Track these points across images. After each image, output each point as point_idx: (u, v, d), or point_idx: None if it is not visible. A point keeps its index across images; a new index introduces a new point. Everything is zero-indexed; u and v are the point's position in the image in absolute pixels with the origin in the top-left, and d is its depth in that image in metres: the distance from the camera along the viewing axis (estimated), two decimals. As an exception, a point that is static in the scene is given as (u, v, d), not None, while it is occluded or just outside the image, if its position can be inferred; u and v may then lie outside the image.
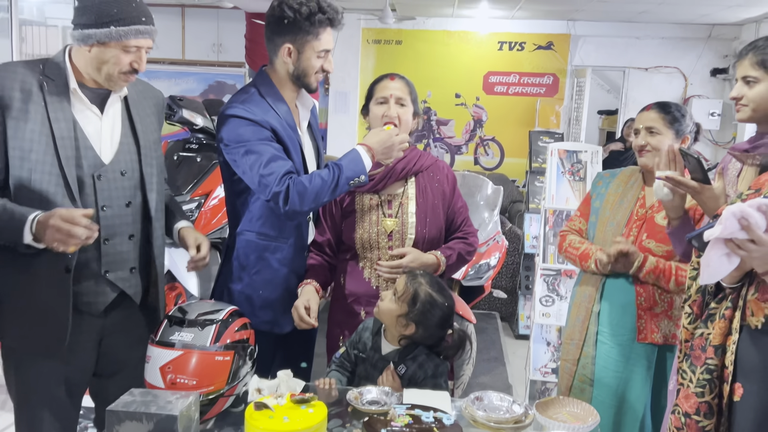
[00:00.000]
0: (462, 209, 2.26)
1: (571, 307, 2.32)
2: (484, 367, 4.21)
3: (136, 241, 1.87)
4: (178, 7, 7.35)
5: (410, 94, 2.15)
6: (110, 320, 1.88)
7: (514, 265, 4.98)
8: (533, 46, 7.41)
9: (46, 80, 1.74)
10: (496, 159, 7.67)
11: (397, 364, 1.86)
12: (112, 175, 1.81)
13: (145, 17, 1.77)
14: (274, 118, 2.03)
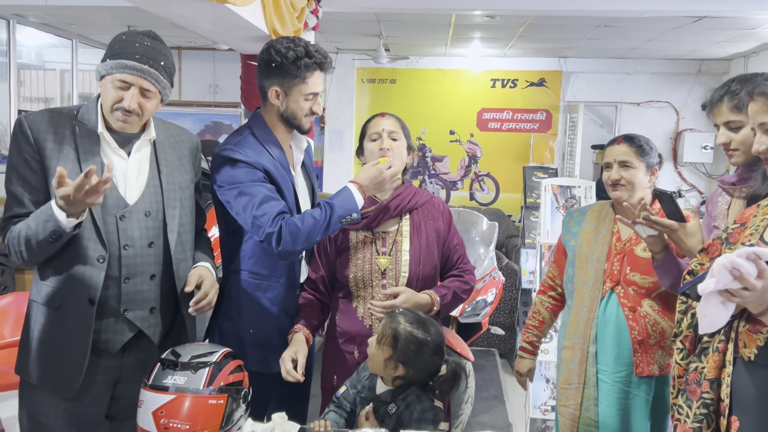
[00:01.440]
0: (458, 246, 2.23)
1: (562, 350, 2.26)
2: (483, 405, 4.15)
3: (158, 281, 1.88)
4: (175, 49, 7.46)
5: (402, 129, 2.17)
6: (127, 361, 1.87)
7: (511, 301, 4.95)
8: (525, 83, 7.52)
9: (79, 125, 1.81)
10: (492, 194, 7.71)
11: (389, 404, 1.84)
12: (136, 216, 1.84)
13: (141, 56, 1.77)
14: (267, 159, 2.05)
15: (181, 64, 7.52)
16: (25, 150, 1.77)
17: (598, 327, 2.15)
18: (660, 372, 2.11)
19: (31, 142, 1.76)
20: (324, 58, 2.07)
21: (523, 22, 5.49)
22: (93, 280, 1.78)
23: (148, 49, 1.79)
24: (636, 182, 2.13)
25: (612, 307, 2.14)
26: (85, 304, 1.77)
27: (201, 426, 1.62)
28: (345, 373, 2.05)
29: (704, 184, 7.40)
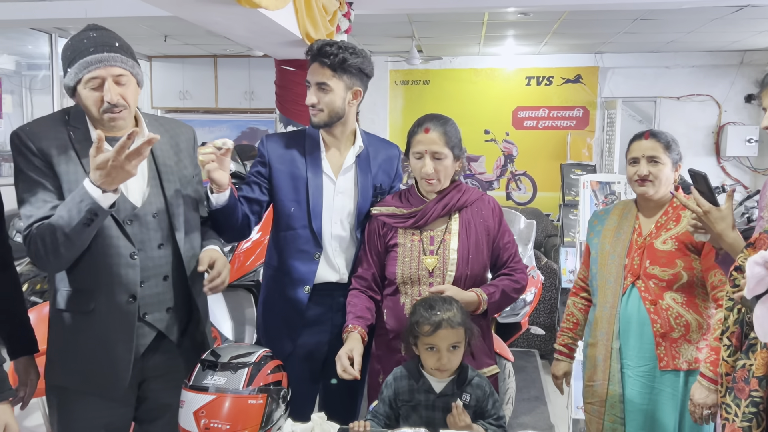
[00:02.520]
0: (509, 245, 2.18)
1: (588, 347, 2.26)
2: (525, 406, 4.09)
3: (171, 281, 1.87)
4: (211, 57, 7.59)
5: (447, 143, 2.06)
6: (149, 363, 1.88)
7: (551, 301, 4.88)
8: (561, 80, 7.42)
9: (72, 129, 1.77)
10: (529, 193, 7.62)
11: (459, 395, 1.81)
12: (144, 219, 1.81)
13: (95, 47, 1.71)
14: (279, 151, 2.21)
15: (217, 71, 7.65)
16: (33, 160, 1.72)
17: (620, 322, 2.15)
18: (688, 367, 2.08)
19: (35, 151, 1.72)
20: (317, 50, 2.13)
21: (557, 18, 5.42)
22: (130, 277, 1.77)
23: (97, 39, 1.73)
24: (663, 178, 2.12)
25: (633, 302, 2.13)
26: (125, 302, 1.76)
27: (241, 426, 1.63)
28: (392, 370, 1.99)
29: (749, 178, 7.19)
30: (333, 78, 2.12)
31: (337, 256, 2.22)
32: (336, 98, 2.14)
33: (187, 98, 7.77)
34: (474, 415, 1.81)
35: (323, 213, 2.18)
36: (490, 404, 1.84)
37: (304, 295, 2.18)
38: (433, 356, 1.80)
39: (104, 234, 1.73)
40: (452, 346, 1.80)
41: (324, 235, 2.19)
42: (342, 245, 2.22)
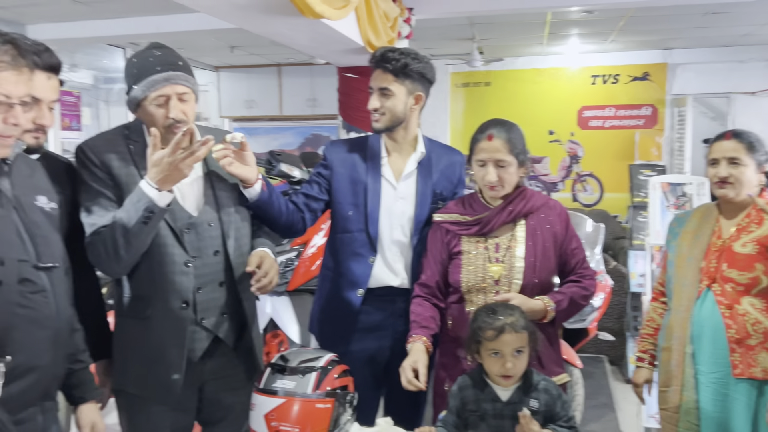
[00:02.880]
0: (576, 251, 2.12)
1: (661, 352, 2.19)
2: (593, 413, 4.00)
3: (225, 287, 1.93)
4: (275, 66, 7.76)
5: (511, 150, 2.02)
6: (208, 366, 1.94)
7: (620, 305, 4.75)
8: (628, 78, 7.22)
9: (132, 143, 1.87)
10: (596, 195, 7.45)
11: (527, 403, 1.78)
12: (201, 228, 1.88)
13: (161, 65, 1.79)
14: (342, 156, 2.27)
15: (281, 80, 7.81)
16: (96, 172, 1.82)
17: (694, 326, 2.08)
18: (764, 376, 1.99)
19: (98, 164, 1.81)
20: (380, 56, 2.19)
21: (623, 15, 5.28)
22: (183, 284, 1.83)
23: (162, 58, 1.82)
24: (744, 180, 2.05)
25: (708, 306, 2.06)
26: (178, 308, 1.83)
27: (310, 429, 1.67)
28: (457, 378, 1.96)
29: (834, 175, 6.81)
30: (395, 83, 2.16)
31: (397, 261, 2.23)
32: (398, 103, 2.17)
33: (252, 107, 7.97)
34: (544, 420, 1.78)
35: (382, 217, 2.21)
36: (559, 407, 1.81)
37: (358, 299, 2.21)
38: (498, 362, 1.78)
39: (160, 242, 1.81)
40: (516, 351, 1.77)
41: (383, 239, 2.21)
42: (402, 250, 2.23)
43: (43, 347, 1.46)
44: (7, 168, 1.48)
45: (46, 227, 1.52)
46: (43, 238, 1.49)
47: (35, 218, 1.49)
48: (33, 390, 1.45)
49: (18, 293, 1.40)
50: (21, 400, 1.43)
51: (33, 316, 1.43)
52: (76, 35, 5.30)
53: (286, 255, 3.18)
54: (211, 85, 8.17)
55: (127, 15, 5.06)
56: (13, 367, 1.38)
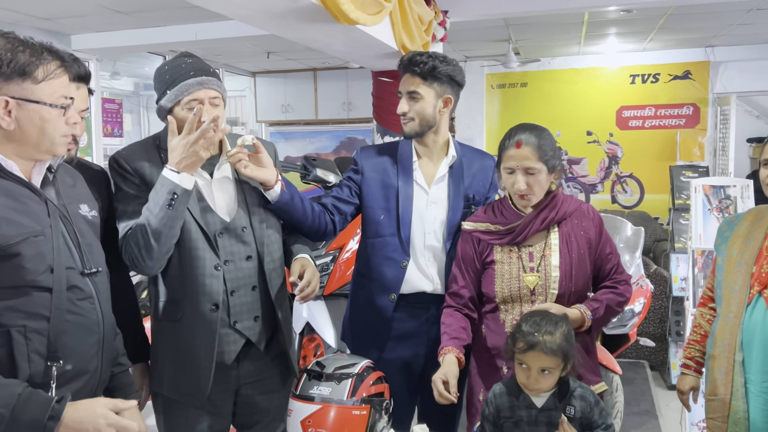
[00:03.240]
0: (611, 255, 2.08)
1: (710, 359, 2.11)
2: (634, 420, 3.92)
3: (258, 292, 1.96)
4: (311, 71, 7.82)
5: (541, 157, 1.96)
6: (243, 371, 1.97)
7: (661, 310, 4.65)
8: (669, 77, 7.07)
9: (163, 152, 1.90)
10: (636, 196, 7.31)
11: (563, 409, 1.77)
12: (234, 233, 1.92)
13: (195, 71, 1.84)
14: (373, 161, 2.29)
15: (317, 84, 7.87)
16: (130, 180, 1.87)
17: (744, 333, 1.99)
18: None
19: (131, 172, 1.87)
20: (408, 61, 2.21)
21: (663, 13, 5.17)
22: (213, 287, 1.86)
23: (193, 64, 1.87)
24: None
25: (759, 312, 1.96)
26: (208, 311, 1.86)
27: (346, 436, 1.67)
28: (491, 388, 1.94)
29: None
30: (423, 86, 2.16)
31: (430, 266, 2.22)
32: (427, 106, 2.17)
33: (288, 111, 8.04)
34: (581, 427, 1.76)
35: (415, 222, 2.20)
36: (597, 414, 1.78)
37: (390, 304, 2.21)
38: (523, 373, 1.77)
39: (191, 246, 1.85)
40: (543, 370, 1.74)
41: (416, 244, 2.20)
42: (435, 255, 2.22)
43: (91, 352, 1.51)
44: (51, 177, 1.53)
45: (89, 235, 1.56)
46: (88, 246, 1.53)
47: (80, 226, 1.53)
48: (81, 394, 1.48)
49: (67, 300, 1.44)
50: None
51: (82, 322, 1.47)
52: (118, 44, 5.43)
53: (322, 260, 3.20)
54: (247, 90, 8.28)
55: (167, 23, 5.17)
56: (64, 371, 1.43)
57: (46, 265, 1.40)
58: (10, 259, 1.35)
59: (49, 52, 1.44)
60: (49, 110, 1.41)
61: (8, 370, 1.35)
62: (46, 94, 1.41)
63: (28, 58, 1.38)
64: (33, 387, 1.36)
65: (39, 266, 1.39)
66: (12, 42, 1.39)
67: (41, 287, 1.39)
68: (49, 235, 1.43)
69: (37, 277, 1.38)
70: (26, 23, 4.92)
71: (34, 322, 1.38)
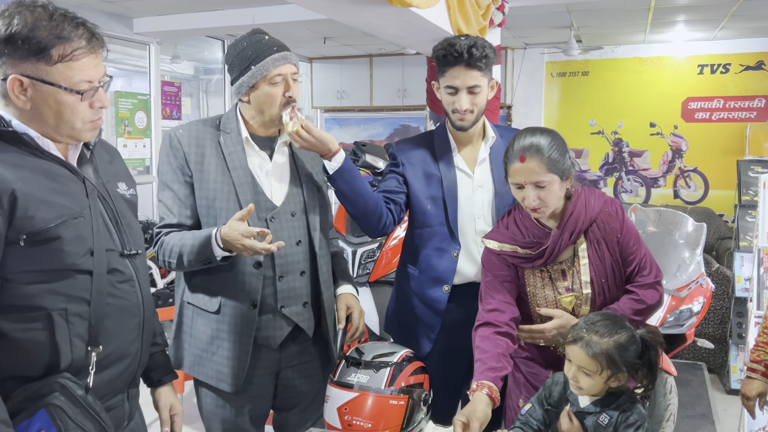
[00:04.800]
0: (634, 250, 1.87)
1: None
2: (689, 424, 3.77)
3: (307, 277, 1.95)
4: (367, 57, 7.79)
5: (550, 168, 1.77)
6: (286, 354, 1.96)
7: (723, 310, 4.45)
8: (739, 67, 6.72)
9: (223, 134, 1.91)
10: (700, 191, 7.01)
11: (598, 414, 1.68)
12: (284, 217, 1.91)
13: (277, 46, 1.85)
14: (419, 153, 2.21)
15: (372, 70, 7.83)
16: (175, 163, 1.87)
17: None
18: None
19: (180, 155, 1.86)
20: (464, 51, 2.03)
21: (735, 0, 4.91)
22: (253, 285, 1.86)
23: (272, 41, 1.86)
24: None
25: None
26: (247, 307, 1.86)
27: (384, 425, 1.65)
28: (532, 395, 1.88)
29: None
30: (482, 78, 2.07)
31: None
32: (484, 97, 2.11)
33: (344, 97, 8.04)
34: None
35: (463, 208, 2.13)
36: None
37: (444, 295, 2.14)
38: (567, 366, 1.70)
39: None
40: (583, 370, 1.65)
41: (466, 231, 2.13)
42: None
43: (133, 335, 1.49)
44: (89, 154, 1.48)
45: (128, 214, 1.53)
46: (128, 226, 1.50)
47: (119, 206, 1.50)
48: (122, 377, 1.48)
49: (108, 283, 1.40)
50: (111, 388, 1.46)
51: (123, 305, 1.45)
52: (177, 27, 5.53)
53: (368, 246, 3.18)
54: (304, 75, 8.32)
55: (225, 7, 5.22)
56: (106, 355, 1.41)
57: (86, 247, 1.36)
58: (50, 242, 1.31)
59: (77, 27, 1.33)
60: (65, 94, 1.33)
61: (50, 354, 1.33)
62: (64, 77, 1.31)
63: (46, 35, 1.28)
64: (76, 372, 1.35)
65: (79, 249, 1.35)
66: (37, 15, 1.29)
67: (82, 270, 1.36)
68: (88, 217, 1.38)
69: (77, 260, 1.35)
70: (90, 6, 5.05)
71: (75, 306, 1.36)
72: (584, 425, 1.69)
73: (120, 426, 1.52)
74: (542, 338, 1.91)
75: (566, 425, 1.69)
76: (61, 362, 1.34)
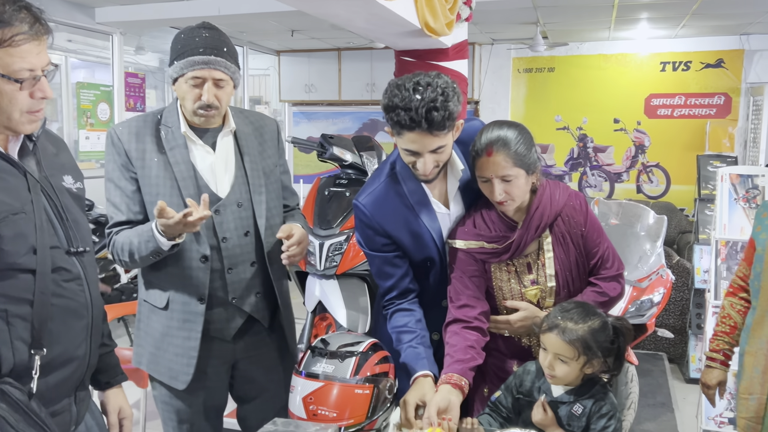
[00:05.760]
0: (597, 243, 1.88)
1: (744, 355, 2.02)
2: (649, 412, 3.86)
3: (258, 267, 1.94)
4: (335, 51, 7.76)
5: (516, 163, 1.74)
6: (241, 345, 1.96)
7: (683, 302, 4.56)
8: (700, 65, 6.88)
9: (164, 128, 1.88)
10: (662, 186, 7.16)
11: (572, 404, 1.72)
12: (230, 208, 1.90)
13: (204, 48, 1.78)
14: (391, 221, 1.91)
15: (341, 64, 7.80)
16: (119, 161, 1.86)
17: None
18: None
19: (122, 152, 1.85)
20: (422, 118, 1.67)
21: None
22: (200, 279, 1.85)
23: (208, 40, 1.80)
24: None
25: None
26: (195, 302, 1.86)
27: (349, 414, 1.65)
28: (498, 387, 1.89)
29: None
30: (447, 136, 1.76)
31: None
32: (449, 149, 1.83)
33: (312, 91, 8.00)
34: (582, 431, 1.71)
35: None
36: (599, 426, 1.69)
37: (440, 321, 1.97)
38: (542, 355, 1.73)
39: None
40: (559, 357, 1.69)
41: None
42: None
43: (80, 337, 1.41)
44: (32, 146, 1.38)
45: (75, 210, 1.45)
46: (74, 222, 1.42)
47: (65, 201, 1.41)
48: (69, 381, 1.42)
49: (53, 282, 1.33)
50: (57, 392, 1.40)
51: (69, 305, 1.38)
52: (142, 17, 5.43)
53: (336, 239, 3.18)
54: (272, 69, 8.25)
55: (191, -2, 5.15)
56: (51, 358, 1.34)
57: (28, 245, 1.28)
58: None
59: (20, 10, 1.23)
60: (2, 82, 1.24)
61: None
62: (2, 64, 1.22)
63: None
64: (18, 377, 1.28)
65: (20, 247, 1.27)
66: None
67: (23, 269, 1.28)
68: (31, 213, 1.30)
69: (18, 259, 1.26)
70: (51, -5, 4.93)
71: (17, 307, 1.27)
72: (558, 415, 1.72)
73: (67, 431, 1.46)
74: (508, 329, 1.93)
75: (540, 416, 1.71)
76: (2, 367, 1.27)
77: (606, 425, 1.69)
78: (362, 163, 3.49)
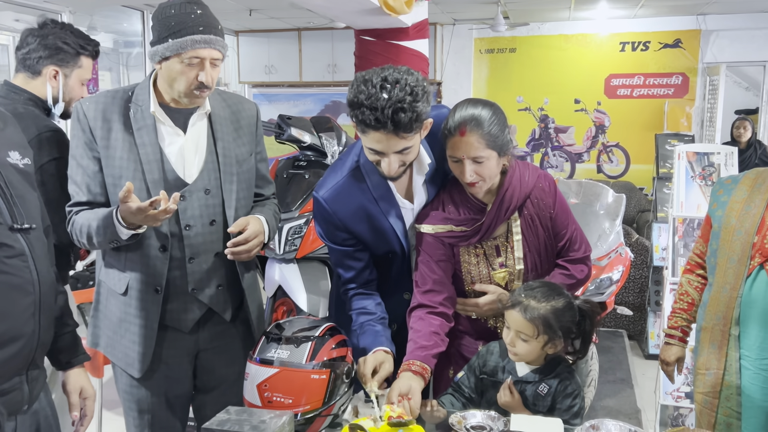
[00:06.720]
0: (566, 225, 1.87)
1: (701, 331, 2.03)
2: (610, 388, 3.92)
3: (223, 259, 1.85)
4: (295, 31, 7.62)
5: (488, 144, 1.70)
6: (202, 336, 1.90)
7: (642, 279, 4.63)
8: (659, 45, 6.96)
9: (134, 106, 1.78)
10: (622, 166, 7.26)
11: (537, 384, 1.72)
12: (197, 195, 1.80)
13: (204, 27, 1.70)
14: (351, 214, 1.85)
15: (301, 45, 7.68)
16: (83, 138, 1.77)
17: (742, 307, 1.89)
18: None
19: (87, 128, 1.76)
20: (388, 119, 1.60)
21: (654, -23, 5.05)
22: (157, 269, 1.78)
23: (203, 17, 1.72)
24: None
25: (760, 286, 1.86)
26: (151, 291, 1.79)
27: (305, 400, 1.61)
28: (462, 367, 1.89)
29: None
30: (414, 137, 1.69)
31: None
32: (416, 150, 1.76)
33: (272, 72, 7.86)
34: (548, 410, 1.71)
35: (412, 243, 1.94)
36: (565, 406, 1.70)
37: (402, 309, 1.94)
38: (505, 332, 1.73)
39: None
40: (521, 336, 1.68)
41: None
42: None
43: (26, 314, 1.39)
44: None
45: (20, 186, 1.42)
46: (20, 198, 1.40)
47: (9, 176, 1.39)
48: (17, 359, 1.39)
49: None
50: (5, 370, 1.37)
51: (12, 281, 1.36)
52: (92, -4, 5.24)
53: (295, 222, 3.12)
54: (231, 50, 8.08)
55: (143, -25, 4.98)
56: None
57: None
58: None
59: None
60: None
61: None
62: None
63: None
64: None
65: None
66: None
67: None
68: None
69: None
70: (-6, -29, 4.72)
71: None
72: (524, 396, 1.72)
73: (19, 410, 1.44)
74: (475, 311, 1.91)
75: (506, 398, 1.71)
76: None
77: (572, 404, 1.70)
78: (321, 144, 3.43)
